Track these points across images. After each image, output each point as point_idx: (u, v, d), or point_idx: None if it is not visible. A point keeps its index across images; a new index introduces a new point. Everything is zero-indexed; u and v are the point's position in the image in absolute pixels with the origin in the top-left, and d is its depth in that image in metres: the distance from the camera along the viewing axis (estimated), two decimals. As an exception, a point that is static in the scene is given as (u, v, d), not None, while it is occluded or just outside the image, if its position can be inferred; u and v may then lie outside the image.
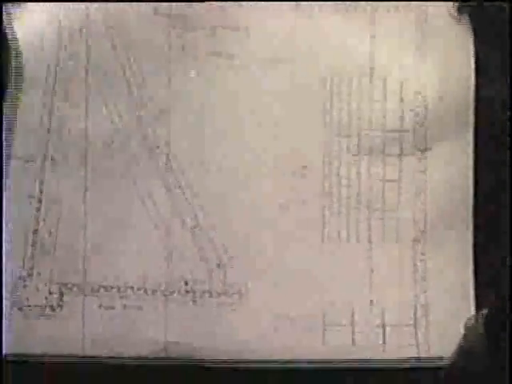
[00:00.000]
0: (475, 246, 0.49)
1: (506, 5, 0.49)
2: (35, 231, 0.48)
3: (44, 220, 0.48)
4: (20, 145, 0.48)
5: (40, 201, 0.48)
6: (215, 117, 0.49)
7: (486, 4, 0.49)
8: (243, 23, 0.49)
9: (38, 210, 0.48)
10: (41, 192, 0.48)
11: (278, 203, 0.49)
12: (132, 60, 0.49)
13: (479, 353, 0.47)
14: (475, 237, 0.49)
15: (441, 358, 0.48)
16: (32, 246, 0.48)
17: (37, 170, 0.48)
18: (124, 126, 0.49)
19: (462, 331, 0.48)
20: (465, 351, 0.48)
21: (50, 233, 0.48)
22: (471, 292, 0.49)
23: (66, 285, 0.48)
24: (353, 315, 0.49)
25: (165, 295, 0.48)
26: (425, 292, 0.49)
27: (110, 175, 0.49)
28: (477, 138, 0.49)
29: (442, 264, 0.49)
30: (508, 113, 0.49)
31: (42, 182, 0.48)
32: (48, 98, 0.48)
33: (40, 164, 0.48)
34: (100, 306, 0.48)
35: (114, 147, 0.49)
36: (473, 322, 0.48)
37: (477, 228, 0.49)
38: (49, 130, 0.48)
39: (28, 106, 0.48)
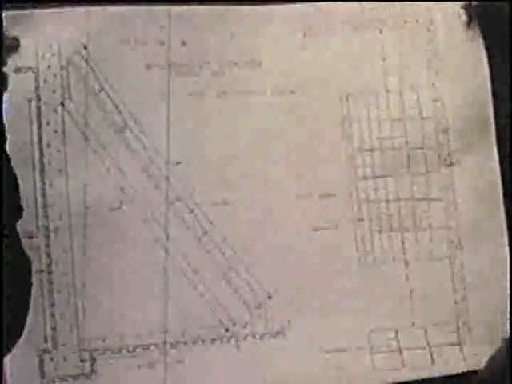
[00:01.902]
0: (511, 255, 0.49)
1: (506, 5, 0.49)
2: (52, 305, 0.46)
3: (59, 291, 0.46)
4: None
5: (51, 273, 0.46)
6: (235, 155, 0.48)
7: (493, 5, 0.49)
8: (254, 57, 0.48)
9: (51, 282, 0.46)
10: (49, 265, 0.46)
11: (308, 232, 0.48)
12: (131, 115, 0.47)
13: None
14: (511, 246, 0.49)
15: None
16: (51, 317, 0.46)
17: (41, 244, 0.46)
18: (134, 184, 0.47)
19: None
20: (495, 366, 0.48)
21: (68, 302, 0.46)
22: (508, 303, 0.48)
23: (97, 350, 0.46)
24: (398, 338, 0.48)
25: (205, 344, 0.47)
26: (464, 307, 0.49)
27: (131, 232, 0.47)
28: (500, 146, 0.49)
29: (480, 276, 0.49)
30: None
31: (49, 255, 0.46)
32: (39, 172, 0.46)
33: (43, 238, 0.46)
34: (139, 367, 0.46)
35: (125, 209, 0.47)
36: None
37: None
38: (46, 204, 0.46)
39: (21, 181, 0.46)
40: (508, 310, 0.48)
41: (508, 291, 0.49)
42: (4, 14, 0.46)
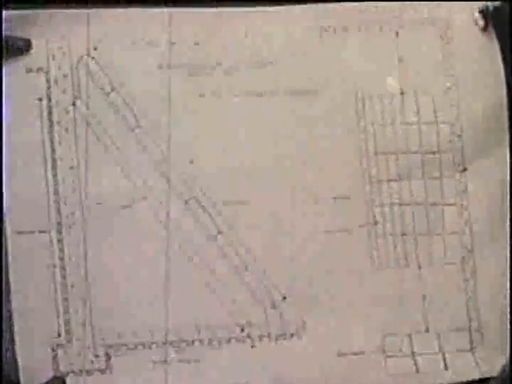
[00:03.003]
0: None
1: (506, 4, 0.49)
2: (65, 299, 0.46)
3: (72, 286, 0.46)
4: (31, 217, 0.46)
5: (63, 268, 0.46)
6: (248, 155, 0.47)
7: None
8: (267, 58, 0.48)
9: (64, 277, 0.46)
10: (61, 259, 0.46)
11: (322, 233, 0.48)
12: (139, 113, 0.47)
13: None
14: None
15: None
16: (65, 312, 0.46)
17: (53, 239, 0.46)
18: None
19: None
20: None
21: (82, 297, 0.46)
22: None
23: (111, 346, 0.46)
24: (411, 343, 0.48)
25: (221, 344, 0.46)
26: (477, 313, 0.48)
27: (143, 229, 0.47)
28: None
29: (493, 282, 0.49)
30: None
31: (61, 250, 0.46)
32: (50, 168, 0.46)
33: (56, 234, 0.46)
34: (154, 363, 0.46)
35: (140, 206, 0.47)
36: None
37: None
38: (58, 200, 0.46)
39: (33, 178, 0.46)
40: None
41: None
42: (15, 13, 0.46)
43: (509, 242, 0.49)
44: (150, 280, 0.46)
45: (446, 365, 0.48)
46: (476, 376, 0.48)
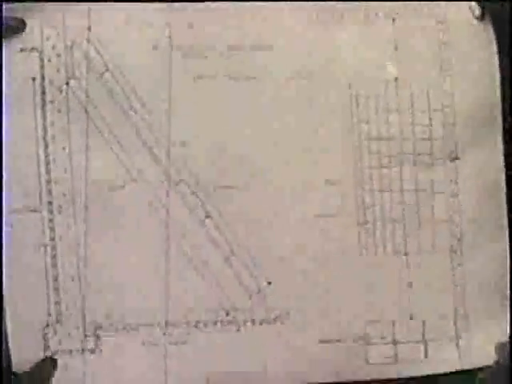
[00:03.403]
0: (512, 250, 0.49)
1: (506, 4, 0.48)
2: (55, 279, 0.46)
3: (62, 266, 0.46)
4: (22, 196, 0.46)
5: (54, 248, 0.46)
6: (241, 139, 0.48)
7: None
8: (265, 41, 0.48)
9: (54, 256, 0.46)
10: (52, 239, 0.46)
11: (311, 219, 0.48)
12: (136, 96, 0.47)
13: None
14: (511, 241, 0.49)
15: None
16: (55, 291, 0.46)
17: (44, 219, 0.46)
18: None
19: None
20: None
21: (72, 277, 0.46)
22: (508, 299, 0.48)
23: (101, 326, 0.46)
24: (394, 331, 0.48)
25: (207, 326, 0.47)
26: (464, 302, 0.48)
27: (134, 212, 0.47)
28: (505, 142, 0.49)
29: (481, 271, 0.49)
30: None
31: (52, 229, 0.46)
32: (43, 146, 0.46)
33: (47, 213, 0.46)
34: (143, 344, 0.47)
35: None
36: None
37: (512, 232, 0.49)
38: (50, 180, 0.46)
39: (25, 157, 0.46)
40: (508, 309, 0.48)
41: (508, 289, 0.48)
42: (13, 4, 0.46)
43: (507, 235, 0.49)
44: (138, 262, 0.47)
45: (426, 354, 0.48)
46: (457, 367, 0.48)
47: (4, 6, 0.45)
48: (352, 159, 0.48)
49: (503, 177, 0.49)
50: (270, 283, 0.47)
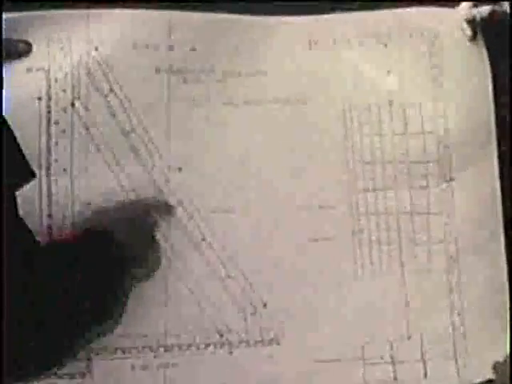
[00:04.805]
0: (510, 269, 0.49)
1: (506, 4, 0.49)
2: None
3: None
4: None
5: None
6: (236, 164, 0.48)
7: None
8: (261, 66, 0.49)
9: None
10: None
11: (307, 243, 0.48)
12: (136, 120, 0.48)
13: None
14: (509, 261, 0.49)
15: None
16: None
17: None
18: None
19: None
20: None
21: None
22: (507, 317, 0.48)
23: (92, 349, 0.46)
24: (392, 350, 0.48)
25: (199, 349, 0.47)
26: (462, 321, 0.48)
27: None
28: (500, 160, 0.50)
29: (477, 290, 0.49)
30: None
31: None
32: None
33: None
34: (133, 368, 0.47)
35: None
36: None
37: (510, 252, 0.49)
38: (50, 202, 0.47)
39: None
40: (508, 326, 0.48)
41: (508, 307, 0.48)
42: (16, 16, 0.46)
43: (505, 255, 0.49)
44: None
45: (425, 373, 0.48)
46: (456, 385, 0.48)
47: (11, 26, 0.46)
48: (346, 183, 0.49)
49: (499, 196, 0.49)
50: (265, 305, 0.48)
